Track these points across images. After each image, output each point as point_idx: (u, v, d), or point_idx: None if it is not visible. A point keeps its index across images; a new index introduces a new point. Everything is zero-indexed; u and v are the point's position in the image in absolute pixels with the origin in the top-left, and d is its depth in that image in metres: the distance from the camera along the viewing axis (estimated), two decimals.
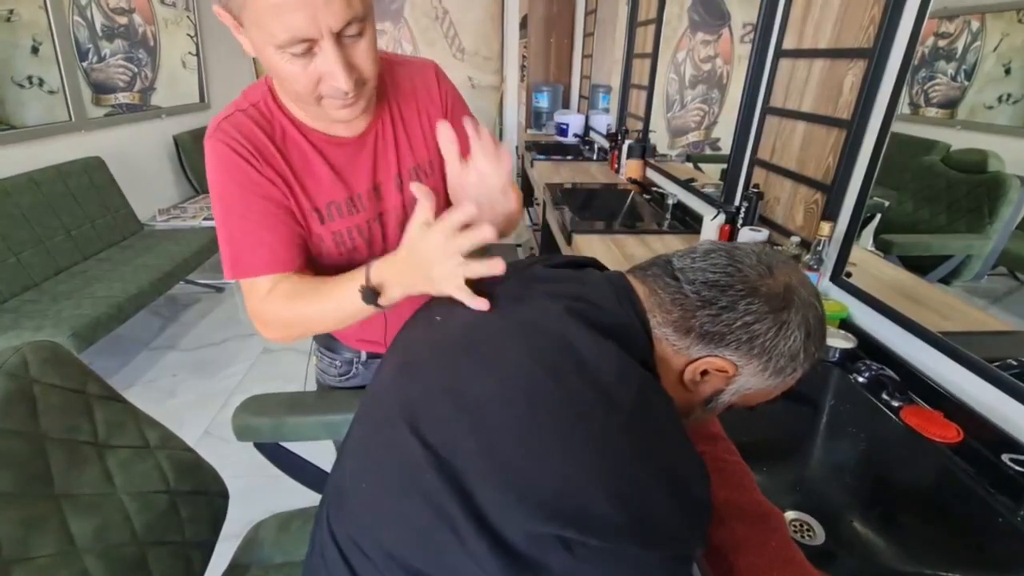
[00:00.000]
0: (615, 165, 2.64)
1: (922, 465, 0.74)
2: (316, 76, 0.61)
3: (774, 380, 0.50)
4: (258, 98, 0.72)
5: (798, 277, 0.51)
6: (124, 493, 0.68)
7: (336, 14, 0.56)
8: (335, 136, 0.74)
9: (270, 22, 0.55)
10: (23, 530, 0.56)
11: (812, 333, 0.49)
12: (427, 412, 0.46)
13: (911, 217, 1.10)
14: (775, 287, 0.49)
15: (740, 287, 0.48)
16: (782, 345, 0.48)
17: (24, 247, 2.07)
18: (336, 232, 0.77)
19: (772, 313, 0.48)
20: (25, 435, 0.60)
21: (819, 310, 0.51)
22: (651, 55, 2.31)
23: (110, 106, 2.89)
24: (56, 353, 0.68)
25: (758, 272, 0.49)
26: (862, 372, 0.83)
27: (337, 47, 0.59)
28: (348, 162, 0.75)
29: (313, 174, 0.73)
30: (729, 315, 0.48)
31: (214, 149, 0.70)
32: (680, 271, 0.52)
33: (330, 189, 0.75)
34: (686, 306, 0.49)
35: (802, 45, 1.21)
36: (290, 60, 0.59)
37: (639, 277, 0.55)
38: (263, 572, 0.82)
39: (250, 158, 0.69)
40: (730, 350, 0.48)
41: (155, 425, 0.77)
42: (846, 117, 1.06)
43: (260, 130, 0.70)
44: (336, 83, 0.61)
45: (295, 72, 0.60)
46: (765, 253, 0.52)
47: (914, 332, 0.87)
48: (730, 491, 0.59)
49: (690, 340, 0.49)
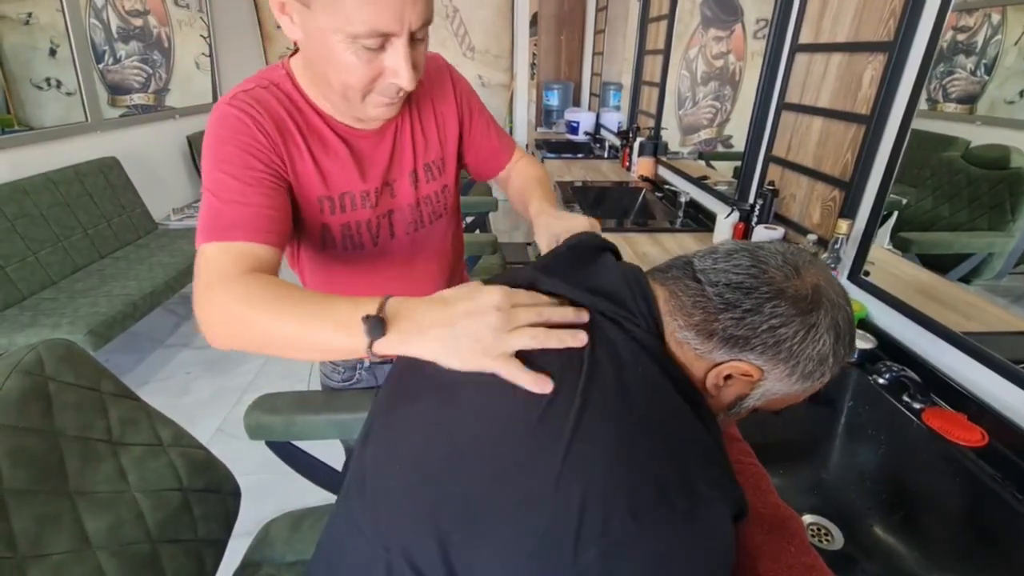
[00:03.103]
0: (626, 163, 2.62)
1: (945, 469, 0.72)
2: (378, 71, 0.60)
3: (801, 385, 0.49)
4: (279, 79, 0.70)
5: (826, 277, 0.49)
6: (137, 491, 0.68)
7: (420, 14, 0.56)
8: (356, 128, 0.73)
9: (353, 11, 0.53)
10: (38, 527, 0.56)
11: (841, 336, 0.47)
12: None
13: (930, 215, 1.07)
14: (802, 289, 0.47)
15: (765, 289, 0.47)
16: (810, 349, 0.46)
17: (43, 246, 2.10)
18: (345, 224, 0.75)
19: (799, 316, 0.46)
20: (40, 433, 0.60)
21: (848, 312, 0.49)
22: (663, 51, 2.29)
23: (125, 107, 2.93)
24: (71, 351, 0.68)
25: (784, 273, 0.47)
26: (883, 373, 0.81)
27: (409, 45, 0.58)
28: (367, 155, 0.74)
29: (332, 161, 0.72)
30: (754, 318, 0.46)
31: (224, 113, 0.65)
32: (702, 272, 0.50)
33: (347, 179, 0.74)
34: (708, 309, 0.47)
35: (819, 39, 1.18)
36: (357, 51, 0.57)
37: (658, 280, 0.53)
38: (275, 571, 0.82)
39: (267, 127, 0.65)
40: (755, 354, 0.47)
41: (168, 423, 0.78)
42: (865, 112, 1.03)
43: (282, 108, 0.68)
44: (400, 81, 0.60)
45: (355, 64, 0.58)
46: (791, 252, 0.50)
47: (936, 332, 0.85)
48: (747, 494, 0.58)
49: (713, 344, 0.47)
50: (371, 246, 0.79)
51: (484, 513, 0.40)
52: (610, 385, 0.43)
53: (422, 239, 0.83)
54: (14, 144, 2.20)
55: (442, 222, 0.85)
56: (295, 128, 0.69)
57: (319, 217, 0.74)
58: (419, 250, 0.84)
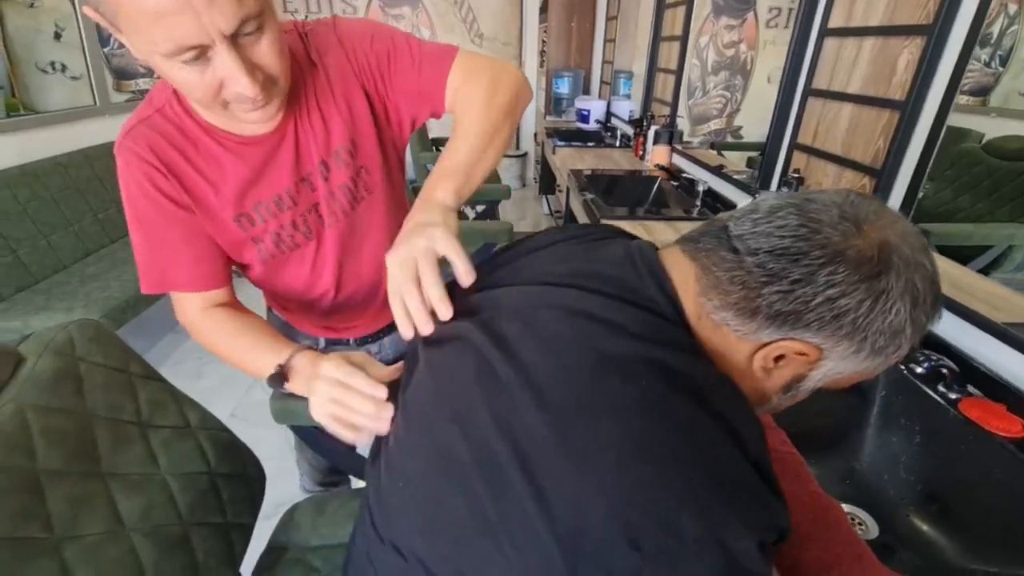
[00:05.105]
0: (639, 152, 2.59)
1: (984, 460, 0.70)
2: (216, 82, 0.54)
3: (872, 361, 0.41)
4: (163, 102, 0.66)
5: (897, 230, 0.40)
6: (167, 473, 0.68)
7: (225, 15, 0.48)
8: (250, 136, 0.68)
9: (149, 29, 0.48)
10: (72, 508, 0.55)
11: (920, 300, 0.39)
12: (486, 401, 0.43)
13: (948, 206, 1.06)
14: (866, 248, 0.39)
15: (818, 253, 0.39)
16: (880, 321, 0.39)
17: (54, 230, 2.09)
18: (273, 232, 0.73)
19: (864, 282, 0.38)
20: (72, 413, 0.60)
21: (928, 269, 0.40)
22: (680, 37, 2.25)
23: (131, 92, 2.90)
24: (100, 332, 0.68)
25: (842, 231, 0.39)
26: (920, 362, 0.80)
27: (233, 50, 0.51)
28: (268, 160, 0.70)
29: (231, 180, 0.68)
30: (805, 290, 0.39)
31: (122, 166, 0.66)
32: (739, 239, 0.42)
33: (254, 191, 0.70)
34: (748, 284, 0.40)
35: (851, 23, 1.16)
36: (182, 68, 0.52)
37: (689, 252, 0.46)
38: (301, 554, 0.82)
39: (158, 173, 0.65)
40: (810, 331, 0.40)
41: (194, 405, 0.77)
42: (900, 98, 1.01)
43: (166, 141, 0.65)
44: (239, 89, 0.54)
45: (191, 80, 0.53)
46: (850, 203, 0.41)
47: (973, 321, 0.83)
48: (788, 482, 0.57)
49: (757, 323, 0.41)
50: (306, 241, 0.77)
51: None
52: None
53: (358, 221, 0.79)
54: (24, 127, 2.18)
55: (368, 203, 0.78)
56: (183, 160, 0.66)
57: (245, 233, 0.72)
58: (358, 231, 0.79)
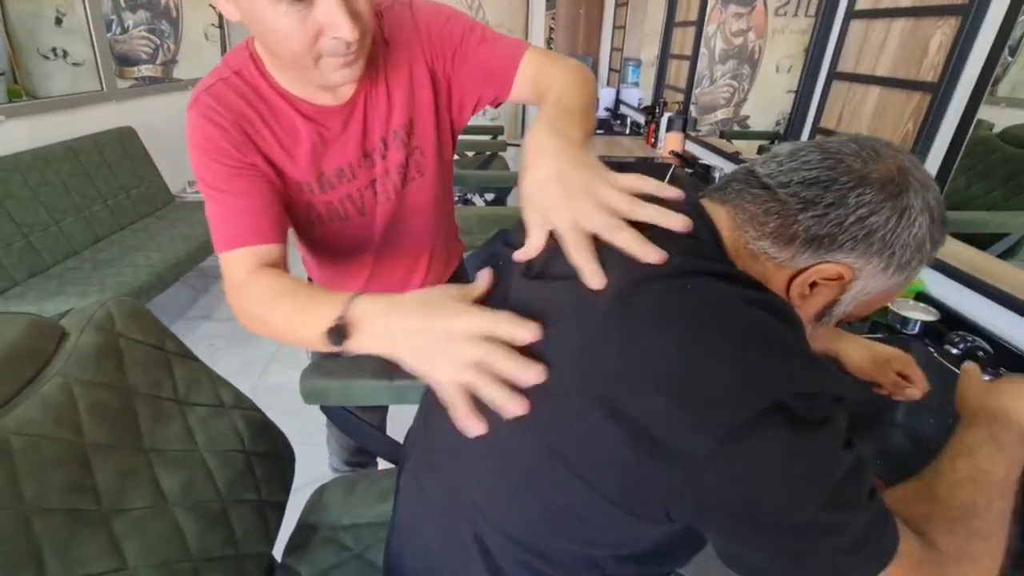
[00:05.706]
0: (651, 139, 2.57)
1: None
2: (315, 29, 0.55)
3: (898, 277, 0.45)
4: (240, 66, 0.67)
5: (909, 158, 0.45)
6: (205, 451, 0.68)
7: None
8: (324, 106, 0.70)
9: None
10: (119, 481, 0.56)
11: (936, 217, 0.44)
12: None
13: (963, 194, 1.05)
14: (886, 171, 0.43)
15: (846, 179, 0.43)
16: (906, 235, 0.43)
17: (64, 215, 2.08)
18: (328, 203, 0.75)
19: (889, 200, 0.42)
20: (115, 388, 0.60)
21: (937, 191, 0.45)
22: (695, 23, 2.23)
23: (133, 79, 2.87)
24: (136, 309, 0.67)
25: (862, 158, 0.44)
26: (956, 344, 0.79)
27: None
28: (338, 132, 0.72)
29: (302, 145, 0.70)
30: (839, 211, 0.42)
31: (192, 122, 0.67)
32: (768, 177, 0.46)
33: (321, 161, 0.72)
34: (784, 213, 0.44)
35: (880, 4, 1.14)
36: (285, 13, 0.53)
37: (716, 200, 0.49)
38: (332, 532, 0.82)
39: (232, 129, 0.66)
40: (844, 251, 0.43)
41: (227, 385, 0.77)
42: (932, 80, 1.00)
43: (244, 101, 0.66)
44: (340, 33, 0.55)
45: (291, 27, 0.54)
46: (863, 138, 0.46)
47: (1004, 303, 0.83)
48: None
49: (795, 249, 0.44)
50: (357, 216, 0.79)
51: None
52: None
53: (406, 203, 0.81)
54: (31, 112, 2.16)
55: (418, 184, 0.81)
56: (260, 120, 0.67)
57: (304, 197, 0.74)
58: (405, 213, 0.82)
